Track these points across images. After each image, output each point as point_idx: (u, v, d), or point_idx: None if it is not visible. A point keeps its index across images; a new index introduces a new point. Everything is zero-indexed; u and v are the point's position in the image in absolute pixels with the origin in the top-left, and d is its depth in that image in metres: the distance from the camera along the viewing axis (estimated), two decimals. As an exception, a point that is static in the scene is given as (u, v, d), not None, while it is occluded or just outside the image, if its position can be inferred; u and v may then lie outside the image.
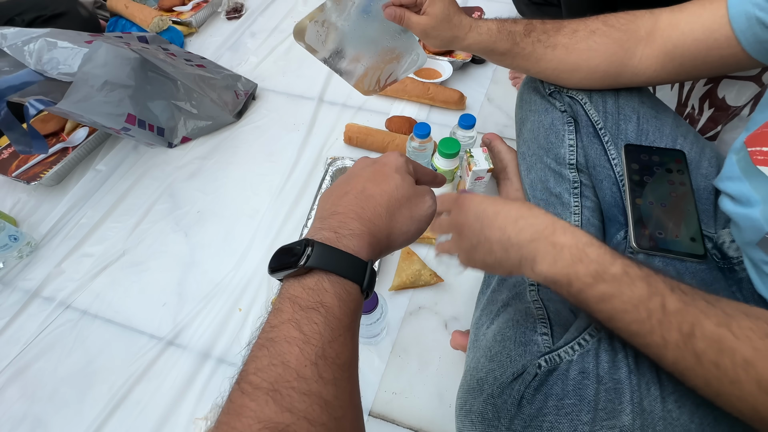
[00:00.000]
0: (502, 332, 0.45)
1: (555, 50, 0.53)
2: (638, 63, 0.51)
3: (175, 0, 1.17)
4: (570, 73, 0.55)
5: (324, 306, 0.25)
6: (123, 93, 0.74)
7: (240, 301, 0.67)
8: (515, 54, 0.55)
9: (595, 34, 0.52)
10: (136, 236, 0.75)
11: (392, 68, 0.63)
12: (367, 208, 0.30)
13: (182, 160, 0.86)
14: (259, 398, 0.21)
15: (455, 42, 0.55)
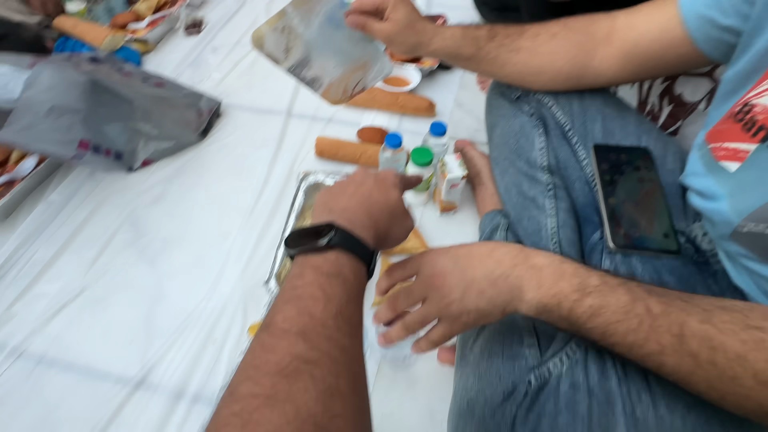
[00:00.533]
0: (489, 347, 0.43)
1: (519, 54, 0.54)
2: (599, 64, 0.52)
3: (129, 17, 1.12)
4: (535, 77, 0.56)
5: (342, 275, 0.29)
6: (73, 118, 0.69)
7: (214, 332, 0.63)
8: (480, 59, 0.56)
9: (556, 38, 0.53)
10: (96, 270, 0.70)
11: (359, 77, 0.62)
12: (374, 212, 0.35)
13: (144, 184, 0.82)
14: (290, 338, 0.25)
15: (420, 48, 0.55)
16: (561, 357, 0.37)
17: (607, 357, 0.36)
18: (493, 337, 0.45)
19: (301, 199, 0.73)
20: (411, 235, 0.71)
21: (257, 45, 0.54)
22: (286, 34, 0.54)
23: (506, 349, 0.42)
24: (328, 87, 0.61)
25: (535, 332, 0.44)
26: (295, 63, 0.57)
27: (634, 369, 0.36)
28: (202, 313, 0.65)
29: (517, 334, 0.44)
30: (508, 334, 0.44)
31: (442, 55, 0.57)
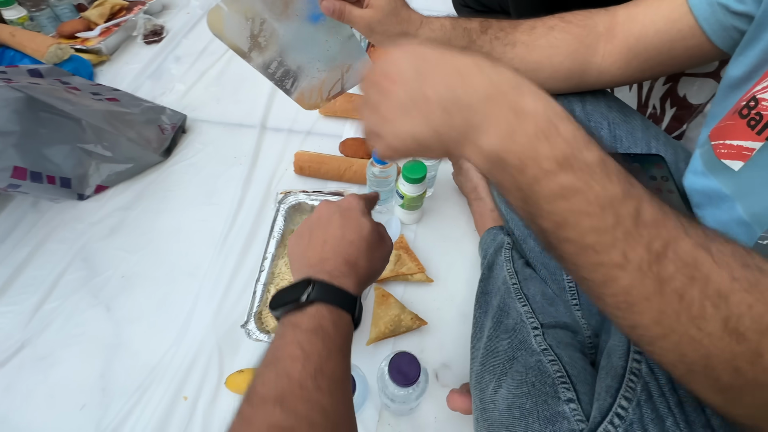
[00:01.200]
0: (519, 404, 0.37)
1: (515, 48, 0.49)
2: (601, 60, 0.48)
3: (78, 25, 1.01)
4: (533, 73, 0.50)
5: (322, 329, 0.29)
6: (5, 142, 0.59)
7: (185, 386, 0.54)
8: None
9: (554, 30, 0.49)
10: (39, 320, 0.59)
11: (337, 79, 0.56)
12: (351, 254, 0.35)
13: (98, 213, 0.71)
14: (267, 407, 0.24)
15: (404, 39, 0.49)
16: (612, 420, 0.31)
17: (665, 413, 0.31)
18: (520, 389, 0.38)
19: (281, 224, 0.65)
20: (406, 259, 0.65)
21: (215, 29, 0.45)
22: (251, 20, 0.46)
23: (541, 406, 0.36)
24: (302, 90, 0.54)
25: (570, 381, 0.38)
26: (263, 58, 0.49)
27: (698, 422, 0.30)
28: (169, 364, 0.55)
29: (549, 384, 0.38)
30: (538, 385, 0.38)
31: None
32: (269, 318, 0.56)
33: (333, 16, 0.47)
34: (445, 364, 0.56)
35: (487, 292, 0.55)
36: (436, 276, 0.65)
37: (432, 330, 0.59)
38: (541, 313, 0.47)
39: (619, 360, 0.37)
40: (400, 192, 0.63)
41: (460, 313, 0.61)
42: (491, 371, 0.42)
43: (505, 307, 0.50)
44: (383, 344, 0.58)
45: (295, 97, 0.55)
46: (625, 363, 0.36)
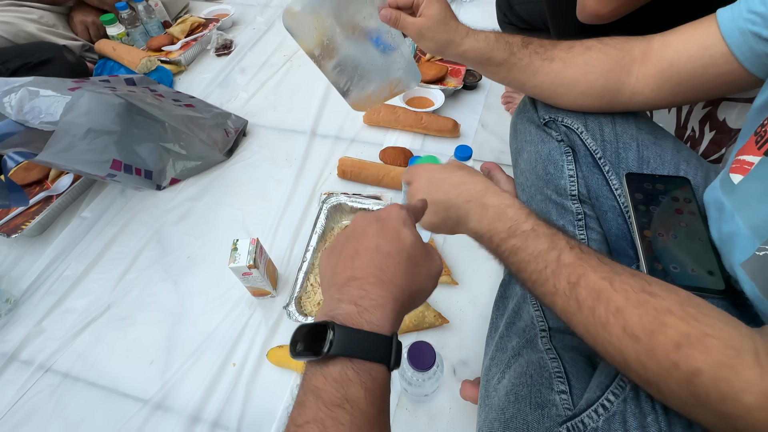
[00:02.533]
0: (516, 391, 0.41)
1: (552, 63, 0.52)
2: (635, 82, 0.50)
3: (164, 40, 1.17)
4: (567, 88, 0.53)
5: (349, 401, 0.24)
6: (107, 139, 0.72)
7: (233, 354, 0.63)
8: (512, 65, 0.54)
9: (591, 50, 0.51)
10: (122, 287, 0.71)
11: (387, 87, 0.62)
12: (387, 269, 0.29)
13: (171, 202, 0.84)
14: None
15: (451, 46, 0.54)
16: (597, 408, 0.34)
17: (648, 410, 0.33)
18: (519, 379, 0.42)
19: (323, 221, 0.73)
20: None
21: (288, 25, 0.52)
22: (319, 28, 0.53)
23: (534, 393, 0.40)
24: (355, 93, 0.61)
25: (566, 376, 0.41)
26: (326, 60, 0.56)
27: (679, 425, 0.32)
28: (221, 334, 0.65)
29: (546, 377, 0.41)
30: (536, 377, 0.41)
31: (472, 57, 0.54)
32: (308, 303, 0.63)
33: (389, 23, 0.54)
34: (463, 361, 0.61)
35: (506, 297, 0.58)
36: (462, 279, 0.69)
37: (453, 329, 0.64)
38: (552, 318, 0.50)
39: None
40: None
41: (481, 316, 0.65)
42: (498, 365, 0.46)
43: (519, 311, 0.53)
44: (406, 337, 0.63)
45: (347, 98, 0.62)
46: None
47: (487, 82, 1.05)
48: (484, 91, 1.04)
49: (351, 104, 0.63)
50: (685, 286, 0.44)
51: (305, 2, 0.52)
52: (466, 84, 1.01)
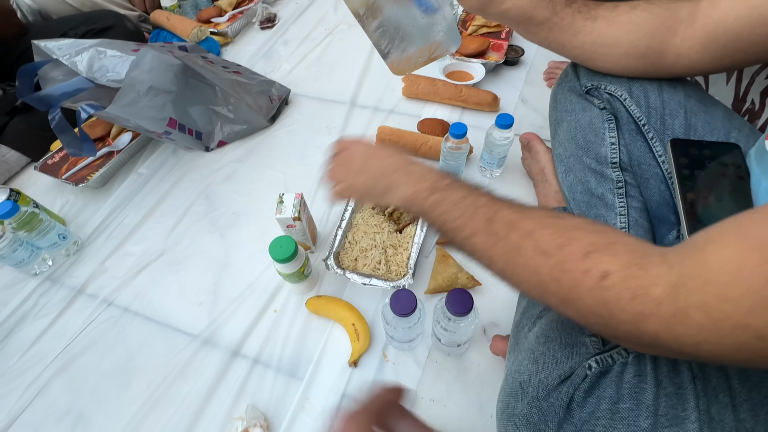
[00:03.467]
0: (546, 334, 0.42)
1: (595, 22, 0.51)
2: (680, 43, 0.48)
3: (213, 12, 1.22)
4: (610, 48, 0.52)
5: None
6: (166, 98, 0.77)
7: (274, 301, 0.67)
8: (553, 24, 0.53)
9: (636, 9, 0.50)
10: (174, 237, 0.77)
11: (426, 50, 0.63)
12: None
13: (218, 163, 0.89)
14: None
15: (493, 4, 0.53)
16: (621, 350, 0.35)
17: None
18: (550, 325, 0.43)
19: (361, 184, 0.75)
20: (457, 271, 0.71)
21: None
22: None
23: (565, 336, 0.41)
24: (395, 55, 0.61)
25: None
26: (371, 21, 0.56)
27: (712, 369, 0.33)
28: (263, 283, 0.69)
29: (576, 326, 0.42)
30: (567, 323, 0.42)
31: (513, 15, 0.54)
32: (345, 258, 0.66)
33: None
34: (493, 322, 0.62)
35: None
36: (495, 246, 0.70)
37: (485, 291, 0.65)
38: None
39: None
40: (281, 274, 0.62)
41: (513, 282, 0.66)
42: (529, 318, 0.47)
43: None
44: (439, 297, 0.65)
45: (387, 59, 0.62)
46: None
47: (529, 57, 1.03)
48: (526, 68, 1.02)
49: (390, 66, 0.64)
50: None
51: None
52: (507, 59, 1.00)
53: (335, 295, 0.66)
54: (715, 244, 0.25)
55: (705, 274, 0.24)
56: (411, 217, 0.70)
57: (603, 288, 0.27)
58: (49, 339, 0.66)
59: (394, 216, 0.71)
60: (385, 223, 0.70)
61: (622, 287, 0.26)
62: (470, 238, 0.35)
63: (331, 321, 0.64)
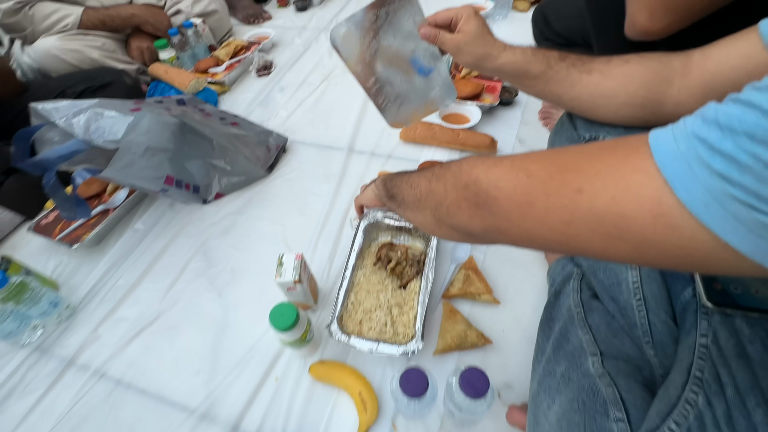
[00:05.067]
0: (568, 416, 0.39)
1: (590, 75, 0.52)
2: (678, 93, 0.48)
3: (210, 62, 1.24)
4: (607, 99, 0.52)
5: None
6: (163, 156, 0.77)
7: (274, 367, 0.64)
8: (549, 78, 0.54)
9: (629, 63, 0.51)
10: (171, 297, 0.74)
11: (423, 106, 0.64)
12: None
13: (216, 216, 0.87)
14: None
15: (488, 59, 0.55)
16: None
17: None
18: (571, 405, 0.41)
19: (360, 239, 0.73)
20: (474, 279, 0.69)
21: (334, 42, 0.55)
22: (363, 43, 0.55)
23: (588, 421, 0.38)
24: (392, 109, 0.62)
25: (622, 403, 0.39)
26: (366, 76, 0.58)
27: None
28: (264, 347, 0.66)
29: (600, 403, 0.39)
30: (590, 403, 0.40)
31: (509, 70, 0.56)
32: (349, 321, 0.63)
33: (429, 40, 0.56)
34: (507, 383, 0.59)
35: (551, 318, 0.56)
36: (503, 298, 0.67)
37: (496, 349, 0.62)
38: (604, 342, 0.48)
39: (676, 390, 0.37)
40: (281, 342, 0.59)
41: (525, 337, 0.63)
42: (547, 390, 0.44)
43: (566, 333, 0.51)
44: (448, 357, 0.62)
45: (385, 115, 0.63)
46: (680, 392, 0.36)
47: (523, 98, 1.05)
48: (521, 107, 1.03)
49: (388, 121, 0.65)
50: (750, 308, 0.41)
51: (352, 22, 0.54)
52: (502, 100, 1.01)
53: (339, 358, 0.63)
54: None
55: (526, 153, 0.34)
56: (414, 271, 0.68)
57: (465, 159, 0.37)
58: (37, 418, 0.62)
59: (397, 271, 0.69)
60: (387, 279, 0.68)
61: (476, 157, 0.37)
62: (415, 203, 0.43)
63: (336, 388, 0.60)
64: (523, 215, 0.31)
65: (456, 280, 0.69)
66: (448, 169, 0.39)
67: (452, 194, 0.37)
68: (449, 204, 0.38)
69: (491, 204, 0.33)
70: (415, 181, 0.44)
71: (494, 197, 0.33)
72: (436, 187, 0.40)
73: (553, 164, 0.30)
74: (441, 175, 0.39)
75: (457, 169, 0.37)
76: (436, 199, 0.39)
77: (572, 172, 0.29)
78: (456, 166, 0.38)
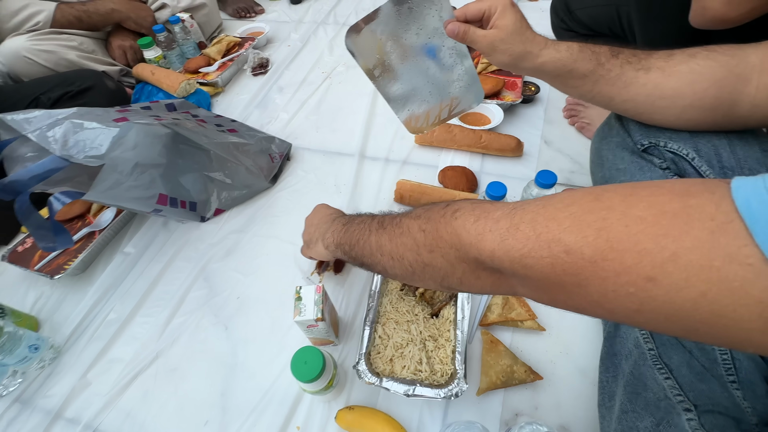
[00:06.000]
0: None
1: (648, 73, 0.45)
2: (756, 92, 0.42)
3: (201, 61, 1.14)
4: (670, 101, 0.45)
5: None
6: (154, 173, 0.67)
7: (296, 413, 0.56)
8: (598, 77, 0.47)
9: (696, 57, 0.43)
10: (170, 333, 0.66)
11: (444, 108, 0.56)
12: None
13: (217, 235, 0.78)
14: None
15: (526, 58, 0.48)
16: None
17: None
18: None
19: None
20: (515, 303, 0.61)
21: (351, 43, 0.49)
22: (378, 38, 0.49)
23: None
24: (411, 114, 0.57)
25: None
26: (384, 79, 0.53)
27: None
28: (282, 389, 0.58)
29: None
30: None
31: (550, 69, 0.48)
32: (378, 359, 0.55)
33: (457, 38, 0.48)
34: (563, 426, 0.52)
35: (615, 354, 0.49)
36: (548, 324, 0.60)
37: (548, 386, 0.55)
38: (691, 390, 0.41)
39: None
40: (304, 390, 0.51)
41: (578, 369, 0.56)
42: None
43: (640, 376, 0.44)
44: (493, 395, 0.55)
45: (403, 119, 0.58)
46: None
47: (545, 94, 0.97)
48: (543, 105, 0.95)
49: (405, 125, 0.58)
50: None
51: (369, 22, 0.47)
52: (525, 98, 0.93)
53: (368, 402, 0.55)
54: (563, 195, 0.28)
55: (545, 201, 0.28)
56: (446, 295, 0.61)
57: (454, 218, 0.31)
58: (19, 484, 0.54)
59: (426, 296, 0.61)
60: (418, 307, 0.60)
61: (468, 212, 0.31)
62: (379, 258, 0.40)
63: (367, 438, 0.52)
64: (570, 295, 0.26)
65: (494, 305, 0.62)
66: (440, 238, 0.32)
67: (461, 268, 0.32)
68: (461, 277, 0.32)
69: (523, 280, 0.28)
70: (395, 253, 0.38)
71: (524, 276, 0.28)
72: (432, 261, 0.34)
73: (599, 237, 0.24)
74: (433, 248, 0.33)
75: (454, 238, 0.31)
76: (439, 273, 0.34)
77: (631, 253, 0.23)
78: (450, 234, 0.31)
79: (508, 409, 0.54)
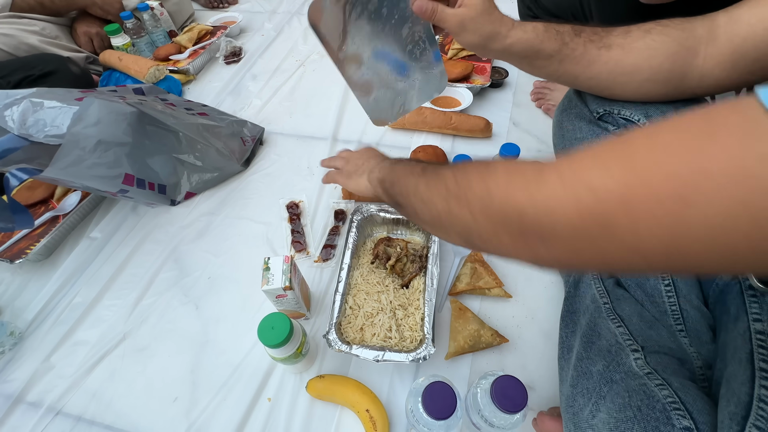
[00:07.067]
0: (623, 428, 0.34)
1: (610, 51, 0.47)
2: (703, 63, 0.45)
3: (171, 49, 1.12)
4: (629, 76, 0.48)
5: None
6: (119, 151, 0.66)
7: (267, 386, 0.56)
8: (564, 56, 0.48)
9: (651, 33, 0.46)
10: (138, 314, 0.64)
11: (412, 97, 0.57)
12: None
13: (187, 218, 0.77)
14: None
15: (495, 39, 0.48)
16: None
17: None
18: (624, 412, 0.35)
19: (354, 235, 0.66)
20: (483, 272, 0.63)
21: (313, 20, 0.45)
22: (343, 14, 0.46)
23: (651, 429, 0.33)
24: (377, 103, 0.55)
25: (684, 407, 0.34)
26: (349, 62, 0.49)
27: None
28: (252, 364, 0.57)
29: (659, 409, 0.34)
30: (646, 409, 0.35)
31: (518, 50, 0.49)
32: (349, 328, 0.56)
33: (424, 16, 0.48)
34: (528, 385, 0.53)
35: (574, 311, 0.52)
36: (515, 291, 0.62)
37: (513, 348, 0.57)
38: (640, 336, 0.43)
39: (742, 386, 0.33)
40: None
41: (542, 332, 0.58)
42: (584, 394, 0.39)
43: (596, 327, 0.46)
44: (461, 359, 0.56)
45: (368, 109, 0.56)
46: (750, 390, 0.32)
47: (513, 79, 1.00)
48: (512, 89, 0.98)
49: (372, 118, 0.57)
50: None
51: None
52: (492, 81, 0.95)
53: (340, 371, 0.56)
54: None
55: (573, 153, 0.27)
56: (416, 267, 0.62)
57: (488, 172, 0.31)
58: (-23, 470, 0.52)
59: (397, 268, 0.62)
60: (388, 278, 0.61)
61: (503, 168, 0.31)
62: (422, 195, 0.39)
63: (338, 406, 0.53)
64: (600, 248, 0.24)
65: (462, 275, 0.63)
66: (470, 189, 0.32)
67: (484, 224, 0.31)
68: (482, 233, 0.31)
69: (547, 236, 0.26)
70: (426, 197, 0.37)
71: (550, 234, 0.26)
72: (458, 212, 0.33)
73: (623, 168, 0.23)
74: (461, 197, 0.32)
75: (484, 191, 0.30)
76: (462, 224, 0.33)
77: (659, 177, 0.21)
78: (481, 185, 0.31)
79: (476, 372, 0.55)
